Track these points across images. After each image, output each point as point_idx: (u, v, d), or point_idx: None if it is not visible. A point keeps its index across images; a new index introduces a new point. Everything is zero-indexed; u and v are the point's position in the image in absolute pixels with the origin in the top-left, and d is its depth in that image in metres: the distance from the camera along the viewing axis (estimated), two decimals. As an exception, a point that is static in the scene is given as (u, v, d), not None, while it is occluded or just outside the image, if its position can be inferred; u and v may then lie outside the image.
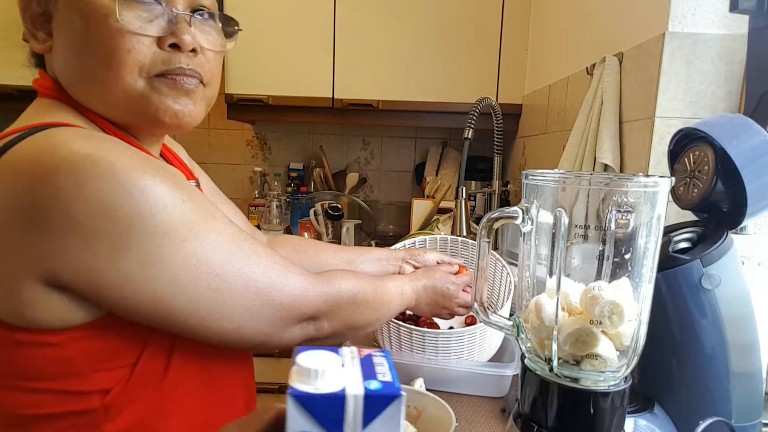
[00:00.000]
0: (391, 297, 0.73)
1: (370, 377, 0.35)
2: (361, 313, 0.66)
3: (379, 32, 1.94)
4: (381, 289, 0.71)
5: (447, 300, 0.82)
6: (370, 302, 0.68)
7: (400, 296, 0.75)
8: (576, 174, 0.43)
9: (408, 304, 0.78)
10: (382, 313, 0.71)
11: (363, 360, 0.38)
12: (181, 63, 0.54)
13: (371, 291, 0.69)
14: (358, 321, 0.66)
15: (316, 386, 0.34)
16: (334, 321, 0.63)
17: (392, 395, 0.34)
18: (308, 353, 0.37)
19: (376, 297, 0.69)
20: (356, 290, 0.66)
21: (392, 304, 0.73)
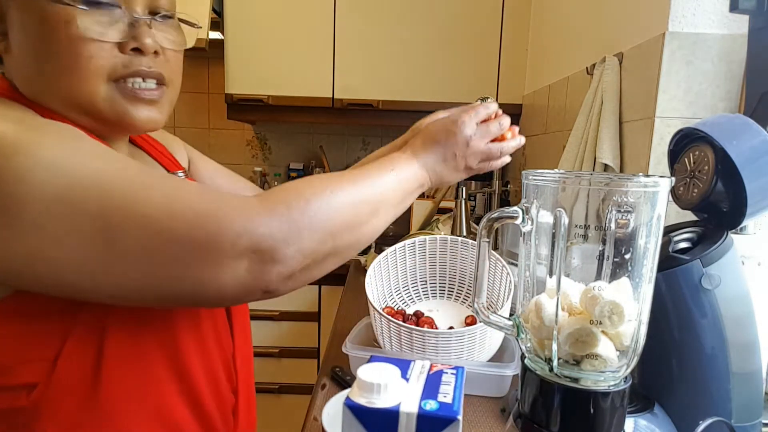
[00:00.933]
0: (379, 172, 0.58)
1: (430, 396, 0.35)
2: (340, 211, 0.51)
3: (379, 32, 1.94)
4: (360, 173, 0.56)
5: (458, 143, 0.65)
6: (347, 193, 0.52)
7: (391, 165, 0.60)
8: (576, 174, 0.43)
9: (411, 172, 0.62)
10: (373, 201, 0.55)
11: (430, 376, 0.38)
12: (143, 66, 0.54)
13: (346, 179, 0.54)
14: (337, 223, 0.50)
15: (371, 399, 0.34)
16: (300, 243, 0.47)
17: (447, 418, 0.33)
18: (371, 366, 0.37)
19: (354, 182, 0.54)
20: (320, 183, 0.51)
21: (386, 180, 0.58)
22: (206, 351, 0.59)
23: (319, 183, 0.51)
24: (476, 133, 0.66)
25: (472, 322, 0.90)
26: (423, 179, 0.63)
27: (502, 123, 0.68)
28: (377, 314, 0.82)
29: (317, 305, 1.85)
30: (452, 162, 0.65)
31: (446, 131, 0.65)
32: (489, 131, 0.67)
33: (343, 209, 0.51)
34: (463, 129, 0.65)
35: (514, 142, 0.70)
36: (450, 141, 0.65)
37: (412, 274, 1.01)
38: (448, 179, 0.66)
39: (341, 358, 0.88)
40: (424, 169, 0.63)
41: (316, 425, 0.74)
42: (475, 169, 0.68)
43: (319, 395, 0.82)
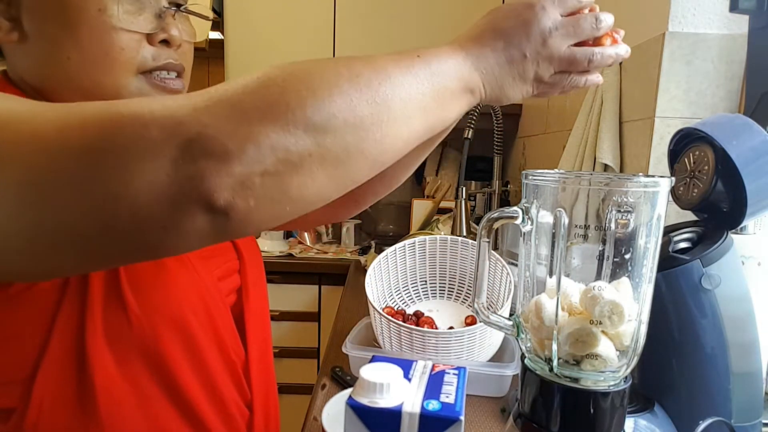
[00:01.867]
0: (401, 57, 0.41)
1: (432, 396, 0.35)
2: (326, 94, 0.34)
3: (379, 32, 1.94)
4: (370, 57, 0.40)
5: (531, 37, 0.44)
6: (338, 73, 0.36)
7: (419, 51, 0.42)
8: (576, 174, 0.43)
9: (453, 66, 0.42)
10: (383, 91, 0.37)
11: (432, 376, 0.38)
12: (170, 58, 0.52)
13: (342, 59, 0.38)
14: (320, 110, 0.34)
15: (374, 399, 0.34)
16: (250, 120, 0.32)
17: (450, 418, 0.33)
18: (374, 365, 0.37)
19: (350, 65, 0.37)
20: (299, 64, 0.36)
21: (409, 69, 0.40)
22: (203, 364, 0.54)
23: (289, 64, 0.36)
24: (559, 27, 0.45)
25: (472, 322, 0.90)
26: (473, 82, 0.44)
27: (600, 18, 0.47)
28: (377, 314, 0.82)
29: (317, 305, 1.85)
30: (519, 64, 0.45)
31: (516, 18, 0.45)
32: (579, 28, 0.46)
33: (326, 91, 0.35)
34: (542, 18, 0.44)
35: (611, 50, 0.48)
36: (520, 32, 0.44)
37: (412, 274, 1.01)
38: (508, 92, 0.46)
39: (341, 358, 0.88)
40: (476, 69, 0.44)
41: (316, 425, 0.74)
42: (547, 82, 0.47)
43: (319, 395, 0.82)
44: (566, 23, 0.45)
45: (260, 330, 0.66)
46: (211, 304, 0.55)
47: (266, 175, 0.32)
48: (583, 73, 0.48)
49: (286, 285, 1.83)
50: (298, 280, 1.84)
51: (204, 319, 0.54)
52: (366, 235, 2.20)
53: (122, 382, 0.48)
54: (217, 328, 0.56)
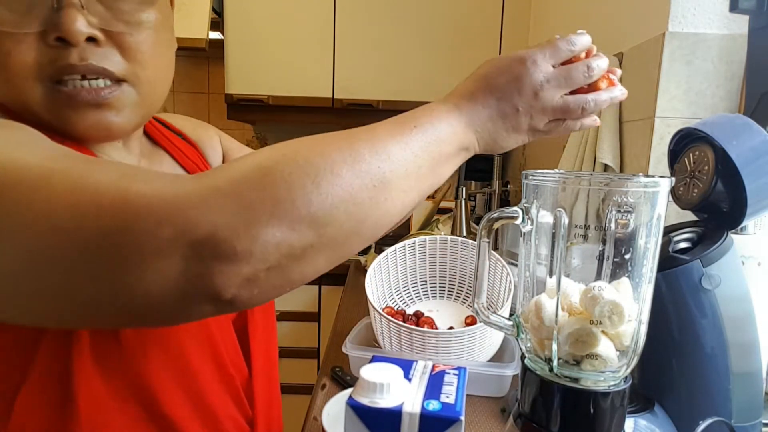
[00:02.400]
0: (396, 130, 0.40)
1: (432, 397, 0.35)
2: (323, 186, 0.35)
3: (379, 32, 1.94)
4: (365, 131, 0.40)
5: (522, 92, 0.45)
6: (335, 160, 0.36)
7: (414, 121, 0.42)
8: (576, 174, 0.43)
9: (447, 130, 0.43)
10: (379, 172, 0.38)
11: (433, 377, 0.38)
12: (72, 60, 0.43)
13: (338, 138, 0.38)
14: (319, 204, 0.34)
15: (374, 399, 0.34)
16: (257, 224, 0.33)
17: (450, 418, 0.33)
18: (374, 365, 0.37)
19: (351, 143, 0.37)
20: (294, 147, 0.36)
21: (405, 142, 0.40)
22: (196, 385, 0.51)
23: (292, 147, 0.36)
24: (551, 79, 0.45)
25: (472, 322, 0.90)
26: (468, 141, 0.45)
27: (591, 66, 0.47)
28: (377, 314, 0.82)
29: (317, 305, 1.85)
30: (512, 119, 0.45)
31: (508, 73, 0.45)
32: (571, 78, 0.46)
33: (329, 184, 0.35)
34: (533, 72, 0.45)
35: (605, 95, 0.48)
36: (511, 88, 0.45)
37: (412, 274, 1.01)
38: (504, 143, 0.47)
39: (341, 358, 0.88)
40: (469, 127, 0.45)
41: (316, 425, 0.74)
42: (542, 130, 0.48)
43: (319, 395, 0.82)
44: (557, 74, 0.46)
45: (265, 341, 0.64)
46: (211, 323, 0.53)
47: (271, 269, 0.34)
48: (577, 118, 0.49)
49: (286, 285, 1.83)
50: (298, 280, 1.83)
51: (200, 335, 0.52)
52: (366, 235, 2.20)
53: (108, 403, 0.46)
54: (215, 345, 0.54)
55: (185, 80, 2.31)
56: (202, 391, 0.52)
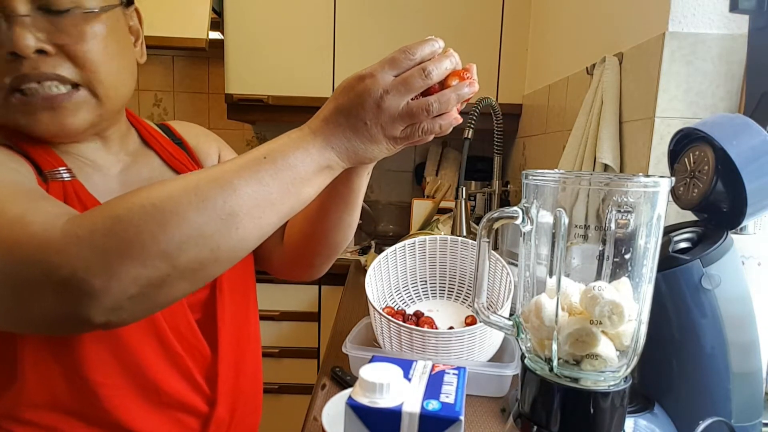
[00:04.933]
0: (244, 161, 0.45)
1: (432, 396, 0.35)
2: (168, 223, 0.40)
3: (379, 32, 1.94)
4: (216, 167, 0.45)
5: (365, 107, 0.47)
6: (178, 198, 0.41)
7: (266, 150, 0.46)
8: (576, 174, 0.43)
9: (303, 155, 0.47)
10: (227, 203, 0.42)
11: (432, 376, 0.38)
12: (24, 70, 0.49)
13: (182, 179, 0.43)
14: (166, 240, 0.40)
15: (374, 399, 0.34)
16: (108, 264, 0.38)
17: (450, 418, 0.33)
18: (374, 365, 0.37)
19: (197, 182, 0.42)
20: (142, 193, 0.42)
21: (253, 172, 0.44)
22: (133, 359, 0.55)
23: (144, 194, 0.41)
24: (389, 89, 0.47)
25: (472, 322, 0.90)
26: (327, 159, 0.48)
27: (428, 69, 0.48)
28: (377, 314, 0.82)
29: (317, 305, 1.85)
30: (364, 132, 0.48)
31: (351, 91, 0.48)
32: (408, 85, 0.47)
33: (174, 224, 0.40)
34: (371, 85, 0.47)
35: (450, 93, 0.49)
36: (356, 104, 0.47)
37: (412, 274, 1.01)
38: (369, 155, 0.50)
39: (341, 358, 0.88)
40: (326, 147, 0.48)
41: (316, 425, 0.74)
42: (402, 138, 0.50)
43: (319, 395, 0.82)
44: (395, 84, 0.48)
45: (235, 326, 0.67)
46: None
47: (133, 298, 0.40)
48: (433, 119, 0.50)
49: (286, 285, 1.83)
50: (298, 280, 1.84)
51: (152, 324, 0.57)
52: (366, 235, 2.20)
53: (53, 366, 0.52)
54: (157, 326, 0.57)
55: (185, 80, 2.31)
56: (142, 366, 0.56)
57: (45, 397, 0.53)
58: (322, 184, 0.49)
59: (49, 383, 0.53)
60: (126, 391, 0.56)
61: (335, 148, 0.48)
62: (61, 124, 0.53)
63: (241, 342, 0.68)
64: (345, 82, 0.49)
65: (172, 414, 0.60)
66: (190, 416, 0.61)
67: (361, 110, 0.47)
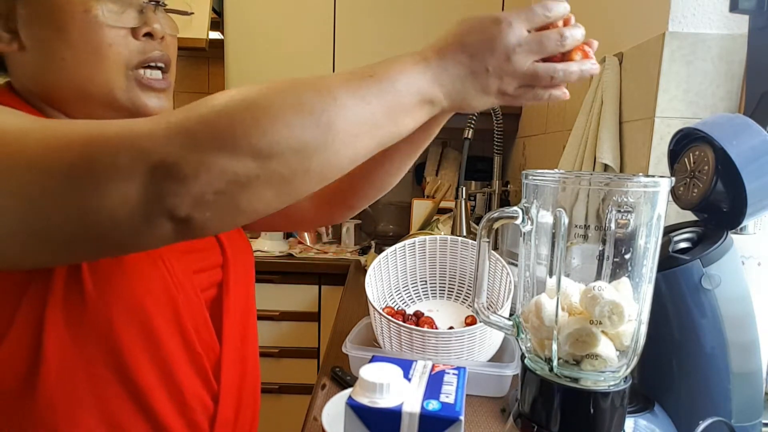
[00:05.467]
0: (352, 76, 0.42)
1: (432, 396, 0.35)
2: (266, 121, 0.38)
3: (379, 32, 1.94)
4: (319, 77, 0.42)
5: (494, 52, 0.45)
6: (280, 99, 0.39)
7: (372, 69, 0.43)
8: (576, 174, 0.43)
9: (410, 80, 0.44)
10: (327, 113, 0.40)
11: (432, 376, 0.38)
12: (155, 50, 0.56)
13: (286, 82, 0.41)
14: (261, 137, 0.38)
15: (374, 399, 0.34)
16: (201, 148, 0.37)
17: (450, 418, 0.33)
18: (373, 365, 0.37)
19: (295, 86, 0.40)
20: (243, 89, 0.40)
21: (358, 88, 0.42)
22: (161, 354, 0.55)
23: (243, 90, 0.40)
24: (523, 44, 0.45)
25: (472, 322, 0.90)
26: (432, 94, 0.45)
27: (564, 35, 0.46)
28: (377, 314, 0.82)
29: (317, 305, 1.85)
30: (482, 79, 0.46)
31: (482, 33, 0.45)
32: (543, 45, 0.46)
33: (269, 120, 0.38)
34: (507, 34, 0.45)
35: (575, 66, 0.48)
36: (484, 47, 0.45)
37: (412, 274, 1.01)
38: (472, 102, 0.47)
39: (341, 358, 0.88)
40: (436, 82, 0.45)
41: (316, 425, 0.74)
42: (511, 95, 0.48)
43: (319, 395, 0.82)
44: (530, 40, 0.46)
45: (239, 324, 0.67)
46: (178, 296, 0.57)
47: (218, 193, 0.38)
48: (546, 87, 0.49)
49: (286, 285, 1.83)
50: (298, 280, 1.84)
51: (166, 309, 0.56)
52: (366, 235, 2.20)
53: (76, 361, 0.51)
54: (181, 320, 0.57)
55: (185, 80, 2.31)
56: (168, 361, 0.56)
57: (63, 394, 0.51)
58: (420, 120, 0.46)
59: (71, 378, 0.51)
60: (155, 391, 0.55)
61: (445, 85, 0.45)
62: (164, 106, 0.58)
63: (244, 342, 0.68)
64: (473, 20, 0.46)
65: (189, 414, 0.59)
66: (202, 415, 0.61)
67: (488, 55, 0.45)
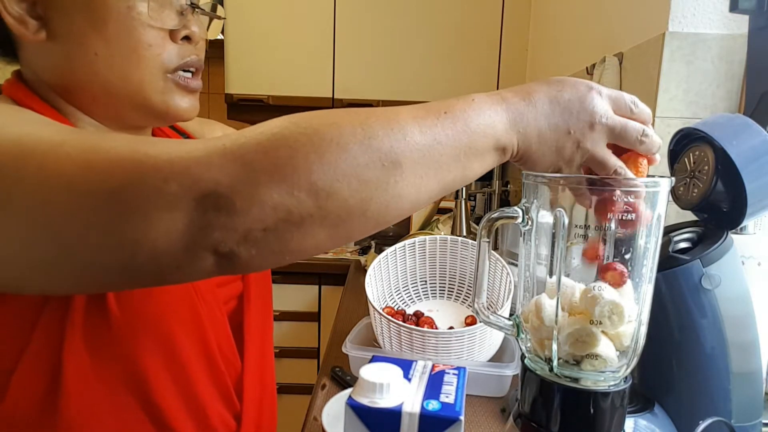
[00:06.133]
0: (423, 111, 0.39)
1: (432, 396, 0.35)
2: (330, 156, 0.34)
3: (379, 32, 1.94)
4: (387, 109, 0.38)
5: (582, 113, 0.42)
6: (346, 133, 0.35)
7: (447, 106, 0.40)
8: (576, 174, 0.43)
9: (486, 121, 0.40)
10: (392, 151, 0.36)
11: (432, 376, 0.38)
12: (193, 54, 0.55)
13: (354, 113, 0.37)
14: (323, 172, 0.34)
15: (374, 399, 0.34)
16: (256, 182, 0.34)
17: (450, 418, 0.33)
18: (373, 365, 0.37)
19: (366, 120, 0.36)
20: (306, 116, 0.37)
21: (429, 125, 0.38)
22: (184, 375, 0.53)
23: (305, 117, 0.37)
24: (609, 118, 0.42)
25: (472, 322, 0.90)
26: (507, 140, 0.41)
27: (647, 133, 0.43)
28: (377, 314, 0.82)
29: (317, 305, 1.85)
30: (561, 137, 0.42)
31: (575, 90, 0.42)
32: (625, 128, 0.42)
33: (334, 155, 0.34)
34: (598, 102, 0.42)
35: (632, 179, 0.43)
36: (574, 105, 0.42)
37: (412, 274, 1.01)
38: (541, 159, 0.43)
39: (341, 358, 0.88)
40: (513, 127, 0.41)
41: (316, 425, 0.74)
42: (575, 167, 0.44)
43: (319, 395, 0.82)
44: (616, 119, 0.42)
45: (259, 338, 0.65)
46: (203, 313, 0.55)
47: (267, 230, 0.34)
48: (596, 187, 0.42)
49: (286, 285, 1.83)
50: (298, 280, 1.84)
51: (191, 329, 0.53)
52: (366, 235, 2.20)
53: (96, 385, 0.48)
54: (206, 339, 0.55)
55: (185, 80, 2.31)
56: (191, 383, 0.53)
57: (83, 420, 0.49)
58: (489, 166, 0.42)
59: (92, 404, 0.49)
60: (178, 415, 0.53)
61: (522, 132, 0.41)
62: (195, 107, 0.57)
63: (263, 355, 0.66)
64: (565, 78, 0.43)
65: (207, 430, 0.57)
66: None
67: (575, 115, 0.41)
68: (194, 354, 0.54)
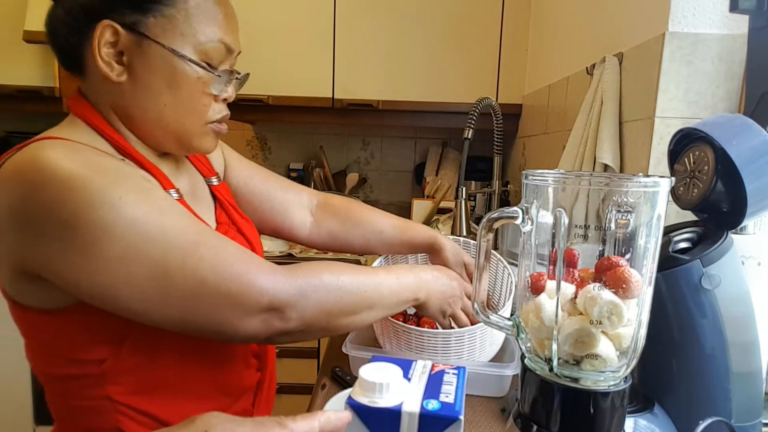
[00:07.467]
0: (386, 275, 0.69)
1: (432, 396, 0.35)
2: (343, 298, 0.62)
3: (379, 32, 1.94)
4: (372, 271, 0.68)
5: (450, 296, 0.77)
6: (353, 285, 0.63)
7: (397, 273, 0.71)
8: (576, 174, 0.43)
9: (411, 282, 0.72)
10: (372, 298, 0.66)
11: (432, 376, 0.38)
12: (226, 111, 0.70)
13: (358, 272, 0.65)
14: (337, 306, 0.62)
15: (374, 399, 0.34)
16: (303, 311, 0.59)
17: (449, 418, 0.33)
18: (373, 365, 0.37)
19: (360, 278, 0.65)
20: (336, 270, 0.63)
21: (387, 283, 0.68)
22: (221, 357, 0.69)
23: (335, 269, 0.63)
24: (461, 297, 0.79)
25: (472, 322, 0.90)
26: (419, 292, 0.73)
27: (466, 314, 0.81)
28: (377, 314, 0.82)
29: (317, 305, 1.85)
30: (448, 295, 0.76)
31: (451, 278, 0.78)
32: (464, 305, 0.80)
33: (346, 297, 0.62)
34: (458, 287, 0.79)
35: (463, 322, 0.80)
36: (454, 284, 0.78)
37: (412, 274, 1.01)
38: (431, 307, 0.76)
39: (341, 358, 0.88)
40: (422, 288, 0.73)
41: (316, 425, 0.74)
42: (446, 317, 0.78)
43: (319, 395, 0.82)
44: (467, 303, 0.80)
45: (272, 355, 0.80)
46: None
47: (298, 332, 0.61)
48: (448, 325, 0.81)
49: (286, 285, 1.83)
50: (298, 280, 1.84)
51: None
52: (366, 235, 2.20)
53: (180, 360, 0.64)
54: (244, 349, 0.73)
55: (185, 80, 2.31)
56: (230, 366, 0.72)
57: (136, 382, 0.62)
58: (402, 309, 0.72)
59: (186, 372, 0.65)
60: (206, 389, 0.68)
61: (428, 296, 0.74)
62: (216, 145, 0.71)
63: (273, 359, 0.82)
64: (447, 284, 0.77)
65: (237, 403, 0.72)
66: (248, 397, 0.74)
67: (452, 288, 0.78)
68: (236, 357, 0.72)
